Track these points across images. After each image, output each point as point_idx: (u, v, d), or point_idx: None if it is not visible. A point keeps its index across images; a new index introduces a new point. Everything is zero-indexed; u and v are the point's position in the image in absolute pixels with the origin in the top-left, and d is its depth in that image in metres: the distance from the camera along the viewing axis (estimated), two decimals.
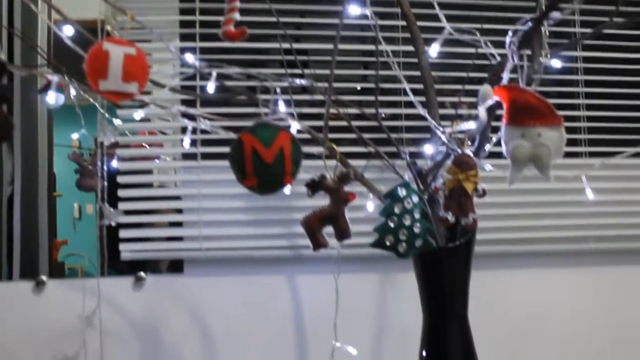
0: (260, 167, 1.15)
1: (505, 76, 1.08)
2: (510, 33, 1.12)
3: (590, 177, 1.84)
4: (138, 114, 1.38)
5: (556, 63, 1.24)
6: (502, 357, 1.87)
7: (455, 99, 1.43)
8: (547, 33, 1.26)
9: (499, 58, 1.16)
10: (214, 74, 1.36)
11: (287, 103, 1.40)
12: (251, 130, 1.17)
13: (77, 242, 1.85)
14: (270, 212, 1.80)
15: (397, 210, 1.24)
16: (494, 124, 1.22)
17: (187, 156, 1.81)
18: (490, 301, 1.87)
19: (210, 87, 1.37)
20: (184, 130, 1.63)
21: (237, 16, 1.27)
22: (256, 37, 1.78)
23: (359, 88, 1.87)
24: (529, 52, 1.27)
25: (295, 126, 1.34)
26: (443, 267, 1.37)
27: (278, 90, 1.36)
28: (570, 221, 1.90)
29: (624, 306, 1.97)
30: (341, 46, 1.44)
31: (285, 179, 1.17)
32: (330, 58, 1.37)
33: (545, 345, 1.91)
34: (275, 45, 1.65)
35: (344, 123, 1.51)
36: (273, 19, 1.57)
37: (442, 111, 1.42)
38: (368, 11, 1.31)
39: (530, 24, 1.11)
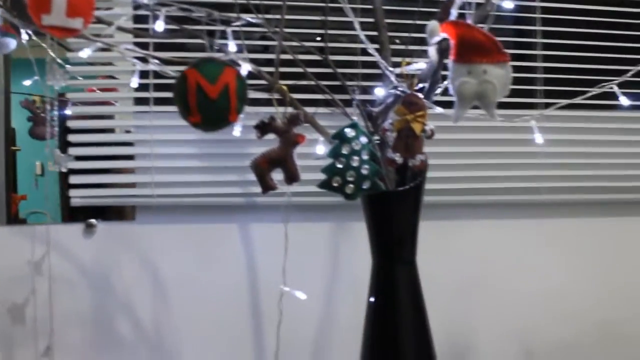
0: (205, 103, 1.12)
1: (454, 12, 1.06)
2: None
3: (545, 128, 1.86)
4: (84, 52, 1.34)
5: (508, 4, 1.22)
6: (454, 306, 1.89)
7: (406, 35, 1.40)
8: None
9: None
10: (163, 12, 1.33)
11: (240, 47, 1.37)
12: (195, 66, 1.14)
13: (40, 199, 1.81)
14: (224, 159, 1.78)
15: (345, 151, 1.22)
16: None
17: (140, 101, 1.78)
18: (443, 251, 1.88)
19: (159, 26, 1.33)
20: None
21: None
22: None
23: (318, 39, 1.84)
24: None
25: (246, 67, 1.32)
26: (392, 211, 1.36)
27: (229, 31, 1.33)
28: (523, 172, 1.90)
29: (574, 257, 1.99)
30: None
31: (230, 115, 1.15)
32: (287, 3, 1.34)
33: (496, 294, 1.93)
34: None
35: (298, 69, 1.48)
36: None
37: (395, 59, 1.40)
38: None
39: None
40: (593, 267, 2.00)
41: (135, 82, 1.44)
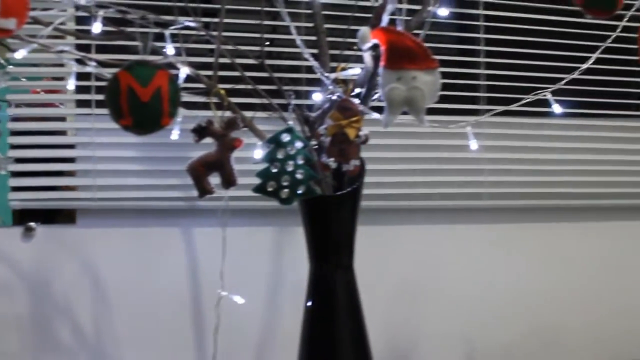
0: (136, 106, 1.12)
1: (385, 19, 1.07)
2: None
3: (487, 135, 1.89)
4: (19, 54, 1.32)
5: (443, 12, 1.23)
6: (395, 311, 1.90)
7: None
8: None
9: (381, 0, 1.15)
10: (101, 13, 1.32)
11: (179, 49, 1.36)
12: (127, 68, 1.13)
13: None
14: (167, 163, 1.76)
15: (280, 155, 1.23)
16: None
17: (82, 103, 1.76)
18: (384, 255, 1.89)
19: (97, 27, 1.31)
20: (80, 76, 1.58)
21: None
22: None
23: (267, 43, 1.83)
24: None
25: (184, 71, 1.31)
26: (329, 216, 1.37)
27: (167, 34, 1.32)
28: (466, 178, 1.92)
29: (514, 262, 2.02)
30: None
31: (163, 119, 1.14)
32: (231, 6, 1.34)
33: (436, 299, 1.94)
34: None
35: (237, 73, 1.48)
36: None
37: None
38: None
39: None
40: (532, 272, 2.03)
41: (72, 84, 1.43)
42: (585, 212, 2.08)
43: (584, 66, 1.36)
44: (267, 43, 1.81)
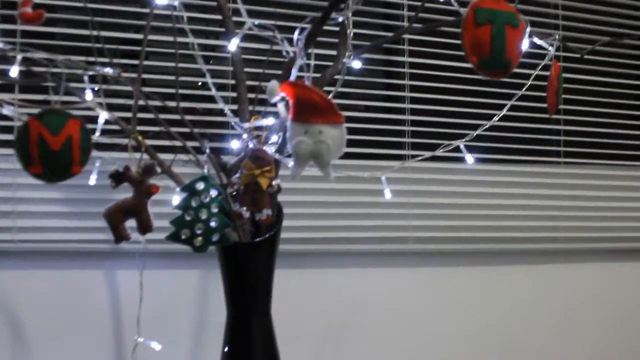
0: (46, 154, 1.11)
1: (294, 73, 1.09)
2: (297, 30, 1.13)
3: (412, 179, 1.93)
4: None
5: (357, 64, 1.26)
6: (322, 355, 1.91)
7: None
8: (351, 34, 1.28)
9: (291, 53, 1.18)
10: (19, 57, 1.31)
11: (97, 92, 1.36)
12: (38, 117, 1.13)
13: None
14: (89, 205, 1.75)
15: (194, 203, 1.23)
16: None
17: (2, 144, 1.74)
18: (309, 300, 1.90)
19: (14, 71, 1.31)
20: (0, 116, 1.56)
21: None
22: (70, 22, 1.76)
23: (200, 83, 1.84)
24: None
25: (103, 116, 1.31)
26: (245, 263, 1.37)
27: (86, 78, 1.32)
28: (391, 222, 1.95)
29: (443, 304, 2.04)
30: (152, 37, 1.42)
31: (73, 167, 1.14)
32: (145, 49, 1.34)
33: (364, 342, 1.95)
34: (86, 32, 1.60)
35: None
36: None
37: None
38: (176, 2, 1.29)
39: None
40: (457, 315, 2.06)
41: None
42: (509, 256, 2.13)
43: (495, 119, 1.40)
44: (200, 84, 1.83)
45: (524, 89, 1.54)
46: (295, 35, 1.13)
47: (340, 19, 1.20)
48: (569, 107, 2.18)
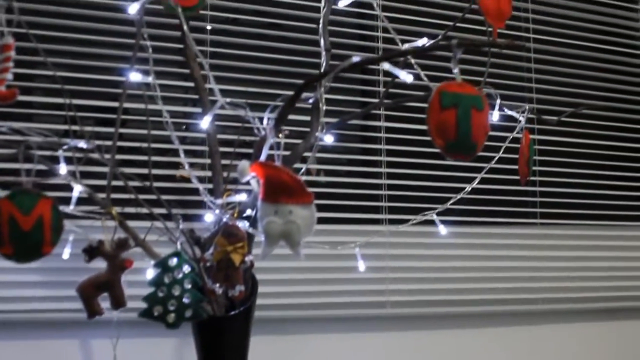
0: (17, 235, 1.11)
1: (264, 152, 1.10)
2: (268, 110, 1.15)
3: (389, 243, 1.93)
4: None
5: (329, 139, 1.28)
6: None
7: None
8: (324, 108, 1.30)
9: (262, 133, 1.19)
10: None
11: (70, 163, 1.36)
12: (9, 197, 1.13)
13: None
14: (63, 274, 1.73)
15: (166, 280, 1.23)
16: None
17: None
18: None
19: None
20: None
21: (9, 77, 1.24)
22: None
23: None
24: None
25: (77, 188, 1.32)
26: (219, 336, 1.37)
27: (60, 151, 1.33)
28: (369, 286, 1.95)
29: None
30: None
31: (44, 247, 1.14)
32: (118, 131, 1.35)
33: None
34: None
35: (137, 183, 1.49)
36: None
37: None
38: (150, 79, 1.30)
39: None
40: None
41: None
42: (489, 319, 2.12)
43: (467, 189, 1.41)
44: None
45: (493, 161, 1.57)
46: (266, 115, 1.14)
47: (311, 100, 1.22)
48: (544, 168, 2.20)
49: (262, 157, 1.10)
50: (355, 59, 1.00)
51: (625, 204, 2.34)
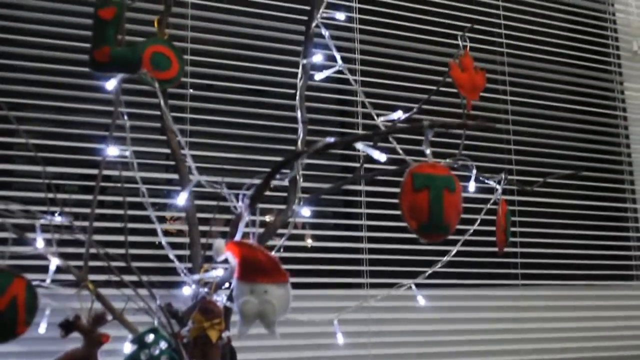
0: None
1: (240, 230, 1.10)
2: (244, 188, 1.15)
3: (371, 308, 1.93)
4: None
5: (306, 212, 1.28)
6: None
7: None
8: (301, 184, 1.31)
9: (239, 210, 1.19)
10: None
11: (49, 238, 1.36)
12: None
13: None
14: (43, 344, 1.71)
15: (143, 357, 1.21)
16: None
17: None
18: None
19: None
20: None
21: None
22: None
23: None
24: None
25: (54, 262, 1.31)
26: None
27: (38, 225, 1.33)
28: (351, 352, 1.93)
29: None
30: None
31: (18, 328, 1.13)
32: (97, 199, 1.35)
33: None
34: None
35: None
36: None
37: None
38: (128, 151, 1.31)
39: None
40: None
41: None
42: None
43: (445, 259, 1.42)
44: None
45: (468, 234, 1.57)
46: (241, 193, 1.15)
47: (286, 182, 1.23)
48: (525, 229, 2.21)
49: (238, 235, 1.10)
50: (330, 139, 1.01)
51: (606, 264, 2.35)
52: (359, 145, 1.04)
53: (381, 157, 1.03)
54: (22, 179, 1.79)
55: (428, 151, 1.00)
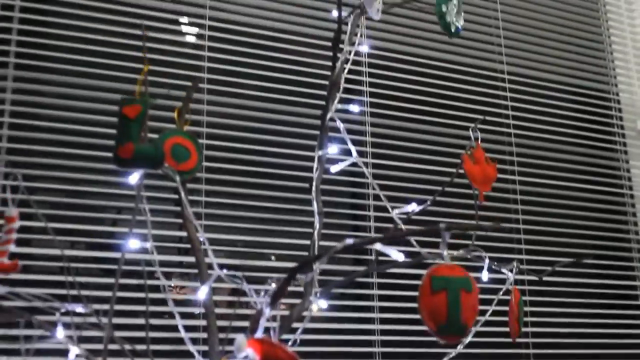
0: None
1: (261, 327, 1.12)
2: (263, 289, 1.18)
3: None
4: None
5: (323, 304, 1.30)
6: None
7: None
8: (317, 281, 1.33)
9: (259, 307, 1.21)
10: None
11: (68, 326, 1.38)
12: None
13: None
14: None
15: None
16: None
17: None
18: None
19: None
20: None
21: (12, 248, 1.27)
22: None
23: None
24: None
25: (74, 351, 1.33)
26: None
27: (57, 314, 1.35)
28: None
29: None
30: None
31: None
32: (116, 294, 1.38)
33: None
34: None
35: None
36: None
37: None
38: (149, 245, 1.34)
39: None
40: None
41: None
42: None
43: (457, 350, 1.43)
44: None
45: (479, 324, 1.58)
46: (262, 291, 1.17)
47: (308, 279, 1.25)
48: (536, 308, 2.22)
49: (259, 332, 1.12)
50: (349, 241, 1.04)
51: (619, 342, 2.34)
52: (378, 246, 1.07)
53: (399, 256, 1.06)
54: (40, 262, 1.81)
55: (445, 253, 1.02)
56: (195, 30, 2.10)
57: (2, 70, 1.86)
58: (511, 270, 1.49)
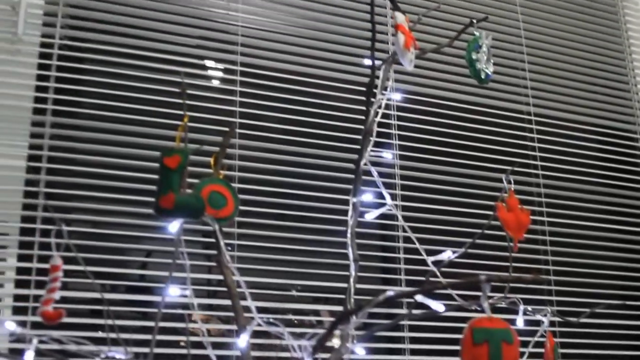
0: None
1: None
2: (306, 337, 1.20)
3: None
4: None
5: (360, 351, 1.31)
6: None
7: None
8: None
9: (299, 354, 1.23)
10: (35, 341, 1.37)
11: None
12: None
13: None
14: None
15: None
16: None
17: None
18: None
19: (29, 356, 1.36)
20: None
21: (56, 297, 1.30)
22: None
23: None
24: None
25: None
26: None
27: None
28: None
29: None
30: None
31: None
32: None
33: None
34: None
35: None
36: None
37: None
38: (188, 292, 1.37)
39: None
40: None
41: None
42: None
43: None
44: None
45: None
46: (305, 340, 1.19)
47: (348, 330, 1.27)
48: (568, 350, 2.21)
49: None
50: (390, 292, 1.06)
51: None
52: (419, 298, 1.09)
53: (439, 307, 1.07)
54: (80, 305, 1.83)
55: (486, 304, 1.04)
56: (226, 75, 2.15)
57: (41, 116, 1.91)
58: (545, 315, 1.49)
